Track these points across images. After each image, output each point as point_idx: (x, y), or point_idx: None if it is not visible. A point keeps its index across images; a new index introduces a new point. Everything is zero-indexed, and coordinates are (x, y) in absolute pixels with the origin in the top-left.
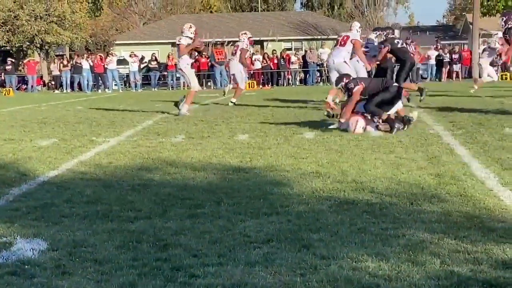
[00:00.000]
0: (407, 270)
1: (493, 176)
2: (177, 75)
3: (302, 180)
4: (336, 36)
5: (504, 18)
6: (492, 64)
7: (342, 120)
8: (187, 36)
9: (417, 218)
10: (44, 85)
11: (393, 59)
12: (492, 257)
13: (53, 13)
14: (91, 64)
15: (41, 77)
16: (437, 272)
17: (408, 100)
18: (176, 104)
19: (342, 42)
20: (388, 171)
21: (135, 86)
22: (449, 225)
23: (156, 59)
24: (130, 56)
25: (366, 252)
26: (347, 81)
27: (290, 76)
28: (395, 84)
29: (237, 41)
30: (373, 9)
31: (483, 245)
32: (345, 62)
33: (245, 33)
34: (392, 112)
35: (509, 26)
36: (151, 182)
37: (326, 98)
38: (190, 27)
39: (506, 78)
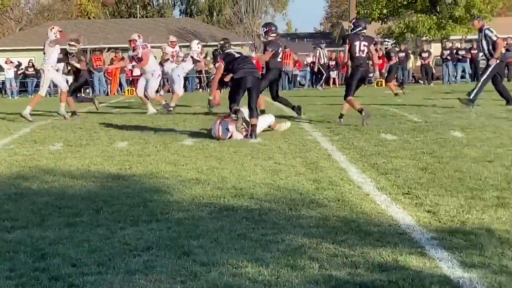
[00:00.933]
0: (286, 275)
1: (369, 180)
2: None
3: (182, 187)
4: (215, 43)
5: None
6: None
7: (211, 97)
8: (52, 38)
9: (296, 223)
10: None
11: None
12: (368, 260)
13: None
14: None
15: None
16: (315, 277)
17: None
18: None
19: None
20: (267, 177)
21: (12, 93)
22: (327, 229)
23: (33, 66)
24: (6, 62)
25: (246, 258)
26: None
27: None
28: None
29: (116, 47)
30: (251, 16)
31: (360, 249)
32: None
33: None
34: (264, 126)
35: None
36: (28, 191)
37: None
38: (52, 28)
39: (381, 85)
